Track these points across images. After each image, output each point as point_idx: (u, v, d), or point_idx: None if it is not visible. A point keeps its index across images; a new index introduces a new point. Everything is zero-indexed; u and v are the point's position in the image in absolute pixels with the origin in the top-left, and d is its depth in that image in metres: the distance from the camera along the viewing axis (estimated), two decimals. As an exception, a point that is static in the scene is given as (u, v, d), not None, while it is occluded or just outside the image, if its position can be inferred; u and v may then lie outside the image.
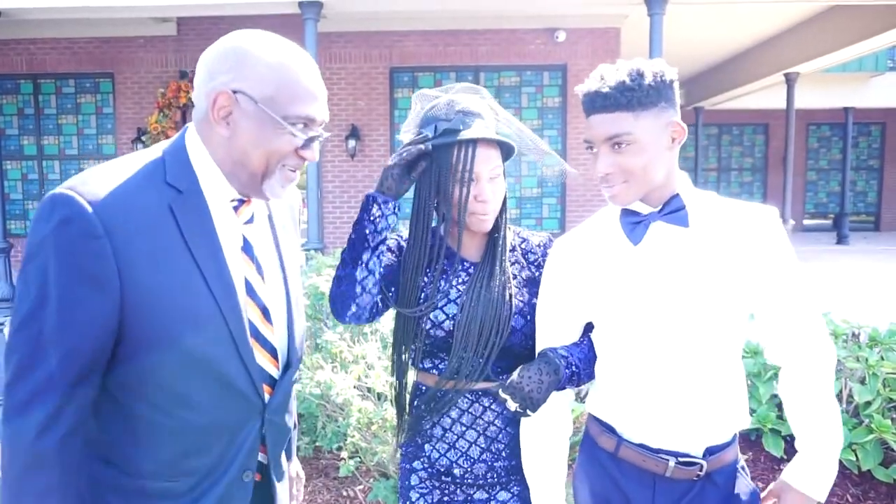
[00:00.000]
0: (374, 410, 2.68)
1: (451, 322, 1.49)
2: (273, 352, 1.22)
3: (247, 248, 1.18)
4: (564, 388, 1.42)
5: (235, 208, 1.18)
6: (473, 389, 1.50)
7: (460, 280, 1.54)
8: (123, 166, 1.10)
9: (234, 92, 1.09)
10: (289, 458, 1.52)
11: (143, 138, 9.70)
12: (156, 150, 1.16)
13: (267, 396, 1.21)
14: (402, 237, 1.61)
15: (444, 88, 1.58)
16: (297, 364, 1.30)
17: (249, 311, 1.16)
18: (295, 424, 1.57)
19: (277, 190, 1.16)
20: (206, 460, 1.16)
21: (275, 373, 1.23)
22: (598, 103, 1.26)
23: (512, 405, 1.36)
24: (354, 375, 2.80)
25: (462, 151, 1.45)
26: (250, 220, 1.20)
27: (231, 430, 1.17)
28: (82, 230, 0.99)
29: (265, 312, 1.20)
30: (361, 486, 3.11)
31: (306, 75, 1.13)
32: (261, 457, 1.25)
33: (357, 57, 9.89)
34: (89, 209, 0.99)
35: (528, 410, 1.36)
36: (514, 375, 1.38)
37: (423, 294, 1.51)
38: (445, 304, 1.51)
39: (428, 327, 1.50)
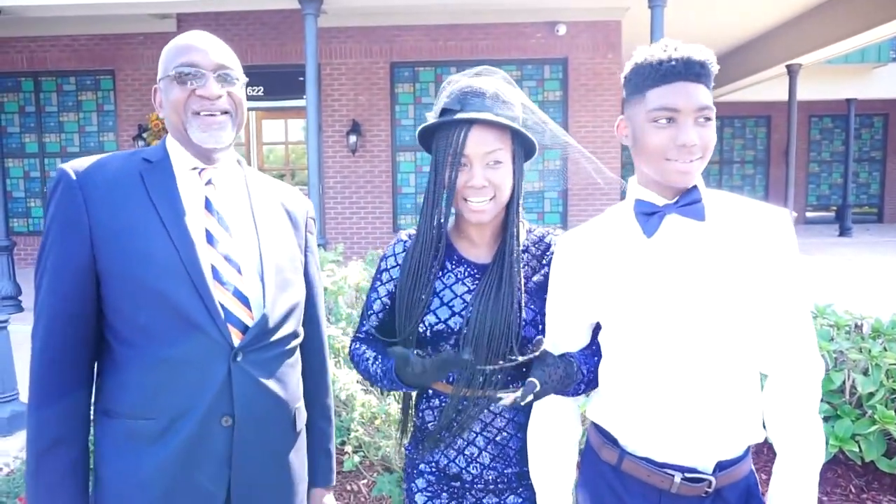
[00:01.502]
0: (377, 405, 2.69)
1: (456, 336, 1.41)
2: (245, 301, 1.33)
3: (208, 205, 1.37)
4: (569, 395, 1.37)
5: (199, 174, 1.40)
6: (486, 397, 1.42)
7: (466, 289, 1.45)
8: (119, 152, 1.41)
9: (160, 82, 1.39)
10: (317, 482, 1.56)
11: (145, 135, 9.70)
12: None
13: (237, 340, 1.30)
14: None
15: (471, 71, 1.49)
16: (282, 324, 1.38)
17: (212, 257, 1.32)
18: (329, 453, 1.59)
19: (200, 136, 1.34)
20: (178, 398, 1.27)
21: (248, 321, 1.33)
22: (693, 70, 1.20)
23: (528, 395, 1.27)
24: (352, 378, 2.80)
25: (455, 133, 1.37)
26: (209, 182, 1.39)
27: (197, 366, 1.28)
28: (66, 186, 1.30)
29: (232, 263, 1.34)
30: (365, 481, 3.12)
31: (187, 37, 1.38)
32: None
33: (357, 52, 9.88)
34: (72, 173, 1.31)
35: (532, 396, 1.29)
36: (539, 372, 1.29)
37: (423, 297, 1.44)
38: (449, 318, 1.42)
39: (431, 339, 1.43)
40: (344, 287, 3.59)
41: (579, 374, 1.35)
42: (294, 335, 1.43)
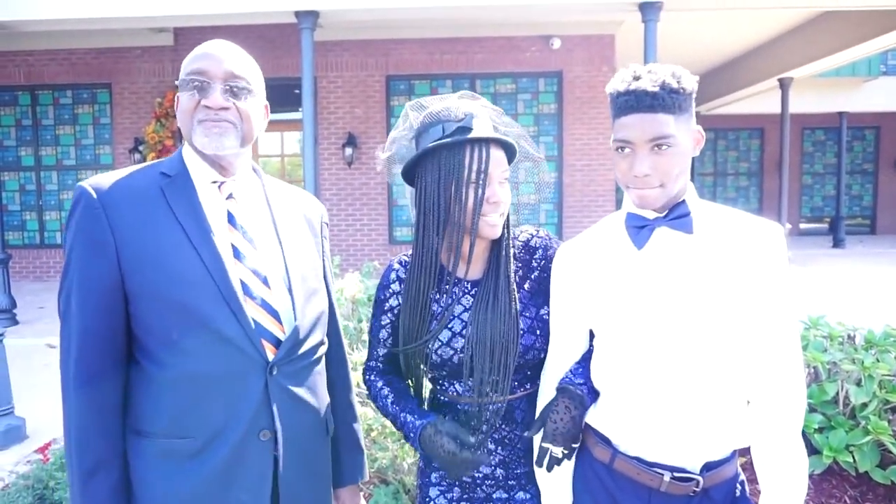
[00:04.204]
0: (373, 417, 2.69)
1: (459, 355, 1.45)
2: (275, 314, 1.34)
3: (231, 219, 1.36)
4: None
5: (219, 188, 1.38)
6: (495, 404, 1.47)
7: (463, 307, 1.48)
8: (133, 168, 1.39)
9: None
10: (347, 479, 1.61)
11: (141, 148, 9.73)
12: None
13: (271, 355, 1.30)
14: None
15: (440, 97, 1.54)
16: (310, 334, 1.39)
17: (240, 272, 1.31)
18: (361, 448, 1.63)
19: (202, 140, 1.32)
20: (215, 416, 1.26)
21: (280, 335, 1.33)
22: (644, 102, 1.22)
23: (557, 450, 1.35)
24: (353, 382, 2.81)
25: (476, 151, 1.40)
26: (230, 196, 1.38)
27: (233, 383, 1.27)
28: (87, 205, 1.27)
29: (260, 277, 1.34)
30: (361, 493, 3.11)
31: (205, 45, 1.36)
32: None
33: (353, 65, 9.94)
34: (92, 191, 1.28)
35: (572, 446, 1.37)
36: (548, 425, 1.37)
37: (432, 323, 1.47)
38: (451, 338, 1.46)
39: (436, 361, 1.47)
40: (340, 299, 3.60)
41: (589, 398, 1.40)
42: (321, 343, 1.45)
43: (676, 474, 1.31)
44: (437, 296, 1.49)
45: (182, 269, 1.26)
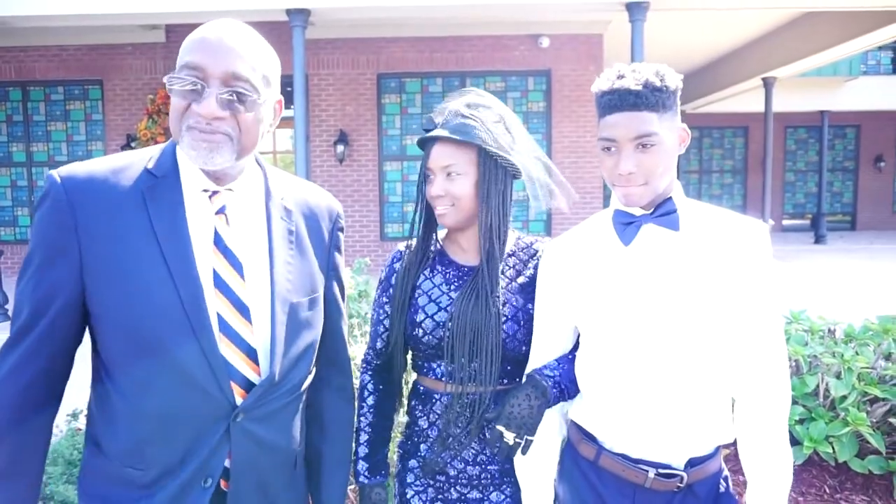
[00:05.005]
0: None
1: (443, 330, 1.49)
2: (251, 353, 1.17)
3: (217, 240, 1.16)
4: (553, 405, 1.45)
5: (210, 198, 1.18)
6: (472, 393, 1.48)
7: (453, 287, 1.55)
8: (118, 156, 1.19)
9: None
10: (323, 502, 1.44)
11: (133, 145, 9.70)
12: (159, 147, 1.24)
13: (239, 399, 1.16)
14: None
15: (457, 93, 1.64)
16: (292, 373, 1.23)
17: (218, 304, 1.14)
18: (344, 482, 1.48)
19: (189, 153, 1.11)
20: (169, 454, 1.14)
21: (253, 377, 1.17)
22: (628, 101, 1.24)
23: (509, 435, 1.35)
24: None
25: (425, 150, 1.54)
26: (221, 210, 1.18)
27: (193, 425, 1.14)
28: (53, 203, 1.09)
29: (241, 309, 1.16)
30: (352, 486, 3.16)
31: (207, 27, 1.13)
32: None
33: (345, 63, 9.96)
34: (62, 188, 1.09)
35: (525, 437, 1.36)
36: (504, 408, 1.38)
37: (414, 298, 1.55)
38: (436, 312, 1.52)
39: (419, 334, 1.51)
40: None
41: (553, 391, 1.42)
42: (306, 376, 1.30)
43: (661, 470, 1.32)
44: (430, 274, 1.59)
45: (151, 294, 1.09)
